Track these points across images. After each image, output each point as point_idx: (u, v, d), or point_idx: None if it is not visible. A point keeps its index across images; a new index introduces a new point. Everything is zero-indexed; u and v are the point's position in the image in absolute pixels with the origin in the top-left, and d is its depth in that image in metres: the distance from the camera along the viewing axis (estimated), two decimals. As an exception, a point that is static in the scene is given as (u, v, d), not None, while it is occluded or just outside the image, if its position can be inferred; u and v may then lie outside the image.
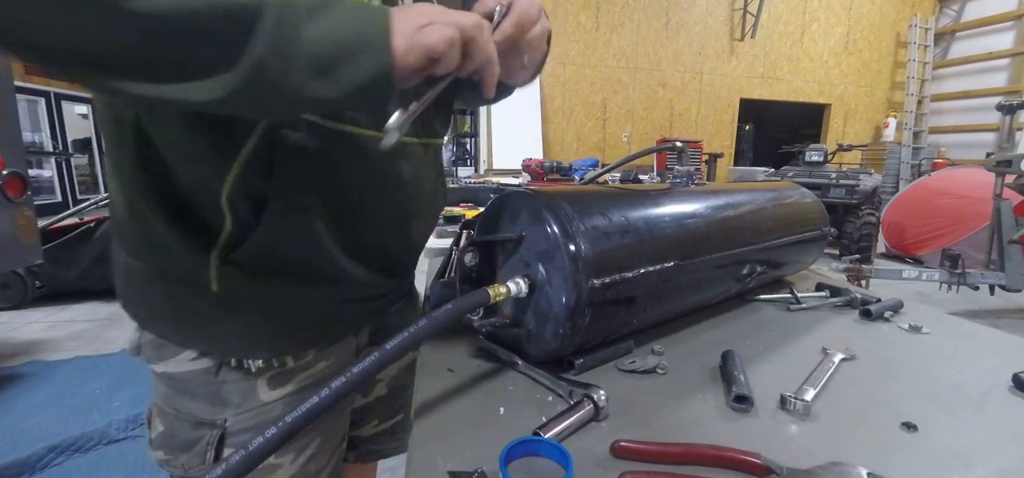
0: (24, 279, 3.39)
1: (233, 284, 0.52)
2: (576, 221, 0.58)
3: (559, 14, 7.33)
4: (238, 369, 0.57)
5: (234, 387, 0.57)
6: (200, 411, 0.57)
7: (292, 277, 0.55)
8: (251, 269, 0.52)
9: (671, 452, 0.45)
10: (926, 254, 4.95)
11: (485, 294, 0.55)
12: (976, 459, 0.47)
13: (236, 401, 0.57)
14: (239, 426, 0.58)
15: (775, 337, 0.75)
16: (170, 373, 0.57)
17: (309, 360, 0.62)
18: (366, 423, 0.82)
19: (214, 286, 0.51)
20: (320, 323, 0.61)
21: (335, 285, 0.59)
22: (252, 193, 0.50)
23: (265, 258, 0.52)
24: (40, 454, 1.78)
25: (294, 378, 0.61)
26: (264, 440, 0.39)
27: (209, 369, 0.56)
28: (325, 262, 0.56)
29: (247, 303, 0.54)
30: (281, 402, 0.59)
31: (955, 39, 8.04)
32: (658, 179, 2.57)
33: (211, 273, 0.51)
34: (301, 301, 0.57)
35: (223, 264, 0.51)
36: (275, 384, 0.59)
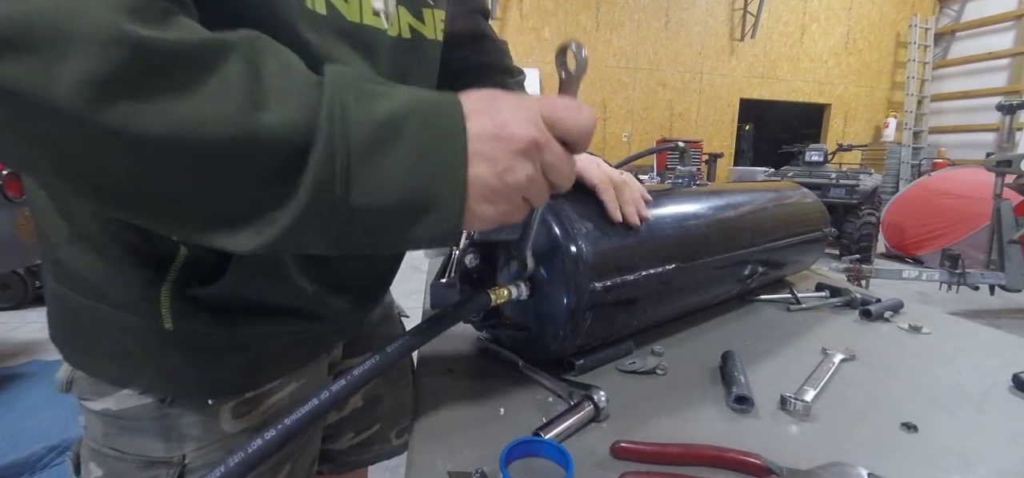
0: (24, 279, 3.39)
1: (187, 321, 0.44)
2: (577, 223, 0.58)
3: (559, 14, 7.33)
4: (194, 401, 0.49)
5: (192, 420, 0.49)
6: (150, 449, 0.49)
7: (257, 314, 0.48)
8: (211, 306, 0.45)
9: (671, 453, 0.45)
10: (926, 254, 4.95)
11: (486, 297, 0.55)
12: (976, 459, 0.47)
13: (196, 434, 0.49)
14: (200, 461, 0.50)
15: (775, 337, 0.75)
16: (112, 410, 0.48)
17: (277, 385, 0.55)
18: (341, 437, 0.77)
19: (167, 324, 0.43)
20: (289, 353, 0.55)
21: (306, 318, 0.52)
22: None
23: (229, 298, 0.45)
24: (40, 454, 1.78)
25: (260, 406, 0.53)
26: (263, 441, 0.37)
27: (159, 403, 0.48)
28: (296, 298, 0.50)
29: (204, 341, 0.46)
30: (247, 433, 0.52)
31: (955, 39, 8.03)
32: (658, 179, 2.56)
33: (163, 309, 0.43)
34: (269, 336, 0.51)
35: (178, 300, 0.43)
36: (239, 412, 0.52)
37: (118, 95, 0.26)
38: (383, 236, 0.35)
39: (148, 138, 0.27)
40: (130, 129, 0.26)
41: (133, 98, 0.26)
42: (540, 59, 7.39)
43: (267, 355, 0.52)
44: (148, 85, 0.26)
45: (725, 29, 7.75)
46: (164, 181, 0.29)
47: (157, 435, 0.49)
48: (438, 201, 0.34)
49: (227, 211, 0.32)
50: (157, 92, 0.27)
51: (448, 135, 0.34)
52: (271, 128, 0.29)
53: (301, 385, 0.57)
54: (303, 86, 0.31)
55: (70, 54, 0.25)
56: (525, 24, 7.32)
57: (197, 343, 0.46)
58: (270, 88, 0.30)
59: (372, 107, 0.32)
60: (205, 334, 0.46)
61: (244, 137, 0.29)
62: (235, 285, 0.43)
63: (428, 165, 0.34)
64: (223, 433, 0.51)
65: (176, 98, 0.27)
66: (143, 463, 0.49)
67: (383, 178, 0.32)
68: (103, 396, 0.48)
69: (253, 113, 0.29)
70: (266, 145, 0.29)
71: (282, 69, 0.31)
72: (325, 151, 0.30)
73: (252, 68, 0.29)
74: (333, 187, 0.31)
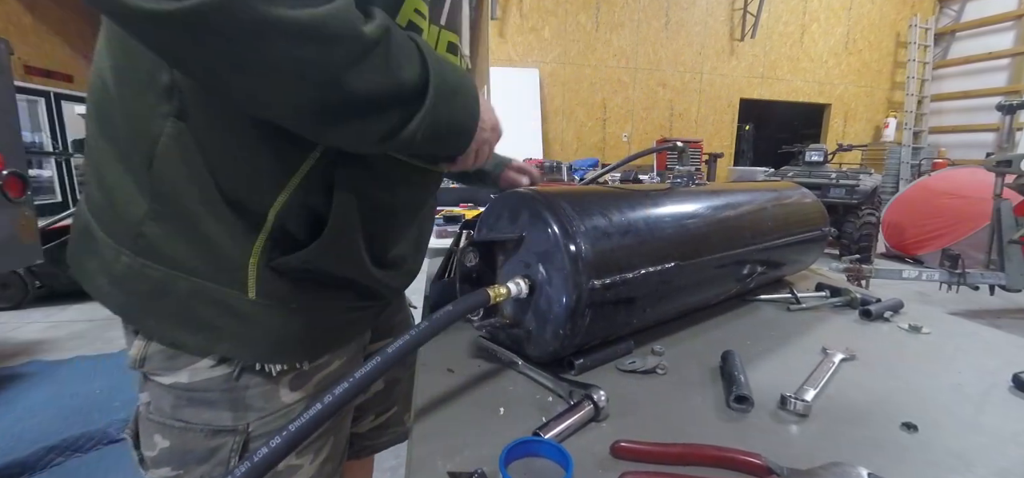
0: (24, 279, 3.39)
1: (271, 289, 0.52)
2: (576, 221, 0.58)
3: (559, 14, 7.33)
4: (260, 373, 0.56)
5: (256, 391, 0.56)
6: (219, 419, 0.55)
7: (327, 285, 0.56)
8: (290, 277, 0.53)
9: (671, 452, 0.45)
10: (926, 254, 4.95)
11: (485, 295, 0.55)
12: (976, 459, 0.47)
13: (259, 405, 0.56)
14: (262, 429, 0.57)
15: (775, 337, 0.75)
16: (183, 383, 0.54)
17: (325, 360, 0.62)
18: (364, 419, 0.84)
19: (251, 293, 0.51)
20: (341, 327, 0.63)
21: (361, 292, 0.61)
22: (306, 208, 0.51)
23: (308, 270, 0.53)
24: (40, 454, 1.78)
25: (313, 379, 0.61)
26: (269, 450, 0.39)
27: (230, 375, 0.54)
28: (360, 273, 0.58)
29: (282, 311, 0.54)
30: (302, 403, 0.59)
31: (955, 39, 8.03)
32: (658, 179, 2.57)
33: (249, 279, 0.51)
34: (329, 307, 0.58)
35: (264, 270, 0.51)
36: (296, 385, 0.59)
37: (359, 62, 0.42)
38: (441, 143, 0.54)
39: (365, 87, 0.43)
40: (359, 82, 0.42)
41: (363, 63, 0.42)
42: (540, 59, 7.40)
43: (326, 328, 0.60)
44: (368, 55, 0.42)
45: (725, 29, 7.75)
46: (357, 108, 0.44)
47: (226, 406, 0.55)
48: (468, 127, 0.56)
49: (382, 126, 0.46)
50: (370, 59, 0.42)
51: (475, 101, 0.56)
52: (408, 80, 0.46)
53: (344, 363, 0.65)
54: (415, 54, 0.47)
55: (338, 42, 0.40)
56: (525, 24, 7.32)
57: (274, 312, 0.53)
58: (404, 57, 0.46)
59: (449, 74, 0.50)
60: (282, 305, 0.53)
61: (394, 85, 0.45)
62: (317, 256, 0.52)
63: (467, 109, 0.55)
64: (282, 404, 0.58)
65: (374, 64, 0.43)
66: (210, 432, 0.55)
67: (452, 111, 0.52)
68: (176, 371, 0.53)
69: (399, 72, 0.45)
70: (406, 88, 0.46)
71: (405, 41, 0.47)
72: (435, 90, 0.48)
73: (395, 43, 0.45)
74: (435, 112, 0.48)
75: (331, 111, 0.43)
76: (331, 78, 0.40)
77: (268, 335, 0.53)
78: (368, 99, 0.43)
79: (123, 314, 0.53)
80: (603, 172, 1.28)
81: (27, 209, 2.35)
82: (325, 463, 0.65)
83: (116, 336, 2.98)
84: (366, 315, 0.66)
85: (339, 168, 0.51)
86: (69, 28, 7.41)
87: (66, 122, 7.33)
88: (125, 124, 0.49)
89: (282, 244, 0.52)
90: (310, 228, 0.52)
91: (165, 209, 0.49)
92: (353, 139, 0.47)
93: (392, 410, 0.88)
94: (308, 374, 0.60)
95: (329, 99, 0.42)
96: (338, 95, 0.42)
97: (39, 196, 6.72)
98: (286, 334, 0.55)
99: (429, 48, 0.49)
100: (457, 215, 1.73)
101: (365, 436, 0.86)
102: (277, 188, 0.49)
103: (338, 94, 0.42)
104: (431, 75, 0.48)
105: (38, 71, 6.96)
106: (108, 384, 2.38)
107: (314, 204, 0.51)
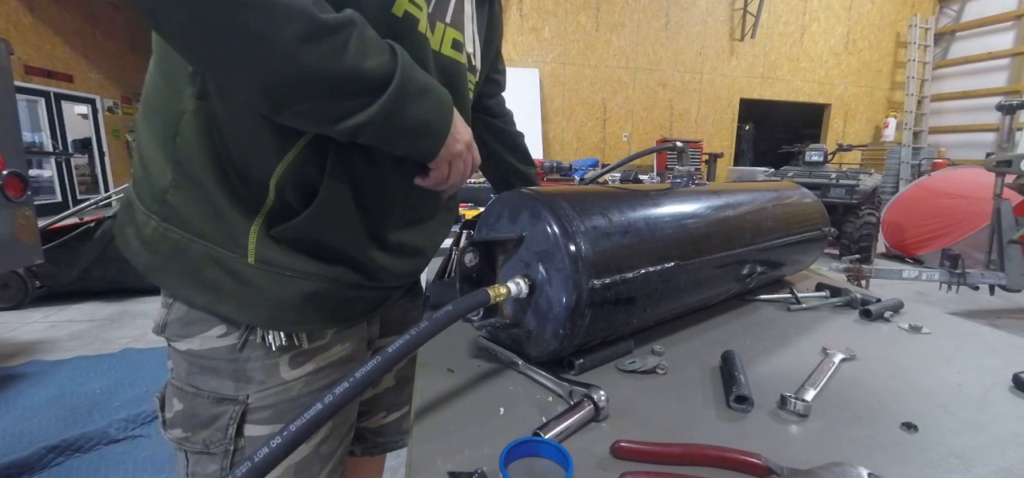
0: (24, 279, 3.39)
1: (268, 256, 0.56)
2: (576, 221, 0.58)
3: (559, 14, 7.33)
4: (261, 346, 0.59)
5: (257, 364, 0.59)
6: (222, 388, 0.59)
7: (322, 258, 0.59)
8: (287, 246, 0.57)
9: (671, 452, 0.45)
10: (926, 254, 4.95)
11: (485, 294, 0.55)
12: (976, 459, 0.47)
13: (259, 378, 0.60)
14: (261, 403, 0.60)
15: (775, 337, 0.75)
16: (195, 350, 0.59)
17: (326, 342, 0.65)
18: (374, 414, 0.85)
19: (251, 258, 0.55)
20: (339, 305, 0.64)
21: (358, 270, 0.63)
22: (301, 179, 0.55)
23: (304, 239, 0.57)
24: (40, 454, 1.78)
25: (313, 359, 0.63)
26: (269, 450, 0.39)
27: (234, 346, 0.59)
28: (355, 249, 0.61)
29: (278, 276, 0.57)
30: (301, 381, 0.62)
31: (955, 39, 8.04)
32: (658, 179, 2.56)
33: (250, 244, 0.55)
34: (326, 280, 0.60)
35: (262, 237, 0.55)
36: (296, 363, 0.62)
37: (311, 41, 0.45)
38: (406, 140, 0.55)
39: (313, 66, 0.46)
40: (307, 59, 0.45)
41: (315, 45, 0.45)
42: (540, 59, 7.40)
43: (324, 301, 0.61)
44: (323, 36, 0.46)
45: (725, 29, 7.75)
46: (313, 87, 0.47)
47: (229, 375, 0.59)
48: (437, 128, 0.58)
49: (340, 109, 0.49)
50: (325, 41, 0.46)
51: (448, 107, 0.59)
52: (370, 67, 0.49)
53: (346, 348, 0.67)
54: (384, 48, 0.51)
55: (290, 19, 0.44)
56: (525, 24, 7.32)
57: (272, 278, 0.56)
58: (371, 47, 0.49)
59: (418, 74, 0.54)
60: (279, 271, 0.57)
61: (355, 71, 0.48)
62: (310, 225, 0.56)
63: (438, 111, 0.57)
64: (281, 380, 0.61)
65: (331, 47, 0.46)
66: (215, 399, 0.59)
67: (417, 109, 0.54)
68: (189, 338, 0.59)
69: (362, 60, 0.48)
70: (367, 75, 0.49)
71: (374, 37, 0.50)
72: (398, 84, 0.51)
73: (363, 35, 0.49)
74: (397, 104, 0.51)
75: (284, 87, 0.46)
76: (283, 52, 0.44)
77: (265, 300, 0.57)
78: (321, 79, 0.47)
79: (147, 271, 0.58)
80: (603, 172, 1.28)
81: (27, 209, 2.35)
82: (322, 444, 0.66)
83: (116, 336, 2.99)
84: (367, 297, 0.67)
85: (333, 145, 0.55)
86: (69, 28, 7.41)
87: (66, 122, 7.33)
88: (161, 105, 0.56)
89: (282, 215, 0.56)
90: (306, 200, 0.56)
91: (184, 179, 0.55)
92: (308, 118, 0.50)
93: (404, 409, 0.88)
94: (308, 354, 0.63)
95: (280, 73, 0.45)
96: (290, 70, 0.45)
97: (39, 196, 6.73)
98: (282, 301, 0.58)
99: (405, 55, 0.53)
100: (457, 215, 1.73)
101: (377, 432, 0.87)
102: (277, 160, 0.54)
103: (290, 69, 0.45)
104: (398, 69, 0.51)
105: (38, 71, 6.96)
106: (108, 384, 2.38)
107: (309, 177, 0.56)
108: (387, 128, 0.52)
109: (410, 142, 0.56)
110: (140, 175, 0.59)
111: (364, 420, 0.84)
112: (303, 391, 0.63)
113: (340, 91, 0.49)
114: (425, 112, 0.55)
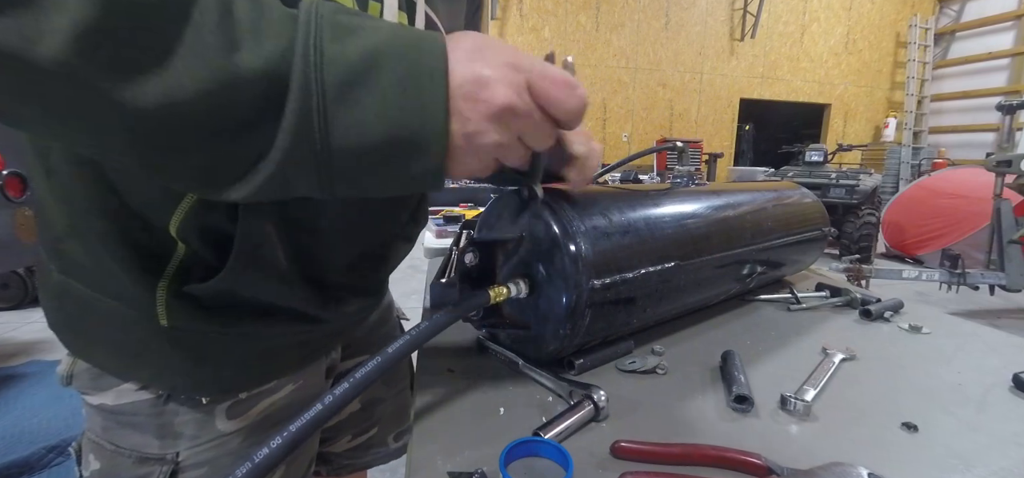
0: (24, 279, 3.39)
1: (183, 319, 0.44)
2: (576, 221, 0.58)
3: (559, 14, 7.33)
4: (188, 400, 0.49)
5: (187, 418, 0.49)
6: (145, 445, 0.49)
7: (253, 315, 0.48)
8: (207, 305, 0.45)
9: (671, 452, 0.45)
10: (926, 254, 4.95)
11: (485, 295, 0.55)
12: (976, 459, 0.47)
13: (190, 432, 0.50)
14: (193, 460, 0.50)
15: (775, 337, 0.75)
16: (108, 406, 0.49)
17: (271, 387, 0.55)
18: (339, 439, 0.77)
19: (163, 321, 0.44)
20: (284, 354, 0.54)
21: (302, 320, 0.52)
22: (208, 227, 0.42)
23: (225, 296, 0.45)
24: (40, 454, 1.78)
25: (256, 406, 0.53)
26: (269, 450, 0.36)
27: (156, 399, 0.48)
28: (292, 299, 0.49)
29: (201, 340, 0.47)
30: (242, 433, 0.52)
31: (955, 39, 8.04)
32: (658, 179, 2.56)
33: (159, 307, 0.43)
34: (263, 337, 0.51)
35: (174, 297, 0.43)
36: (234, 413, 0.52)
37: (104, 48, 0.25)
38: (368, 179, 0.34)
39: (136, 100, 0.26)
40: (111, 78, 0.26)
41: (120, 51, 0.26)
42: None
43: (263, 356, 0.52)
44: (132, 36, 0.26)
45: (725, 29, 7.75)
46: (157, 135, 0.28)
47: (152, 432, 0.49)
48: (419, 143, 0.33)
49: (211, 159, 0.30)
50: (139, 43, 0.26)
51: (427, 77, 0.32)
52: (248, 68, 0.28)
53: (298, 387, 0.57)
54: (277, 22, 0.29)
55: (57, 11, 0.24)
56: (525, 24, 7.32)
57: (192, 341, 0.46)
58: (243, 27, 0.28)
59: (346, 44, 0.30)
60: (200, 333, 0.46)
61: (221, 81, 0.27)
62: (230, 283, 0.43)
63: (406, 106, 0.32)
64: (218, 432, 0.51)
65: (158, 51, 0.26)
66: (138, 459, 0.49)
67: (360, 118, 0.31)
68: (101, 391, 0.49)
69: (229, 54, 0.27)
70: (243, 87, 0.28)
71: (254, 5, 0.29)
72: (300, 89, 0.29)
73: (224, 6, 0.28)
74: (312, 130, 0.30)
75: (75, 130, 0.28)
76: (43, 66, 0.24)
77: (185, 365, 0.47)
78: (147, 110, 0.27)
79: (55, 329, 0.49)
80: (603, 172, 1.28)
81: (27, 209, 2.35)
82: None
83: (116, 336, 2.98)
84: (314, 337, 0.57)
85: None
86: (69, 28, 7.40)
87: (66, 122, 7.32)
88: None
89: (193, 267, 0.43)
90: (218, 249, 0.43)
91: (79, 224, 0.43)
92: (182, 181, 0.32)
93: (372, 431, 0.79)
94: (248, 402, 0.53)
95: (58, 105, 0.26)
96: (72, 97, 0.26)
97: (39, 196, 6.70)
98: (206, 365, 0.48)
99: (321, 4, 0.31)
100: (457, 215, 1.73)
101: (343, 455, 0.79)
102: (172, 204, 0.40)
103: (71, 95, 0.26)
104: (298, 42, 0.29)
105: (38, 71, 6.94)
106: (108, 384, 2.38)
107: (216, 222, 0.42)
108: (318, 168, 0.31)
109: (379, 175, 0.33)
110: (39, 214, 0.47)
111: (328, 445, 0.76)
112: (245, 442, 0.52)
113: (203, 128, 0.28)
114: (379, 112, 0.31)
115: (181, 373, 0.47)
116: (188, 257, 0.43)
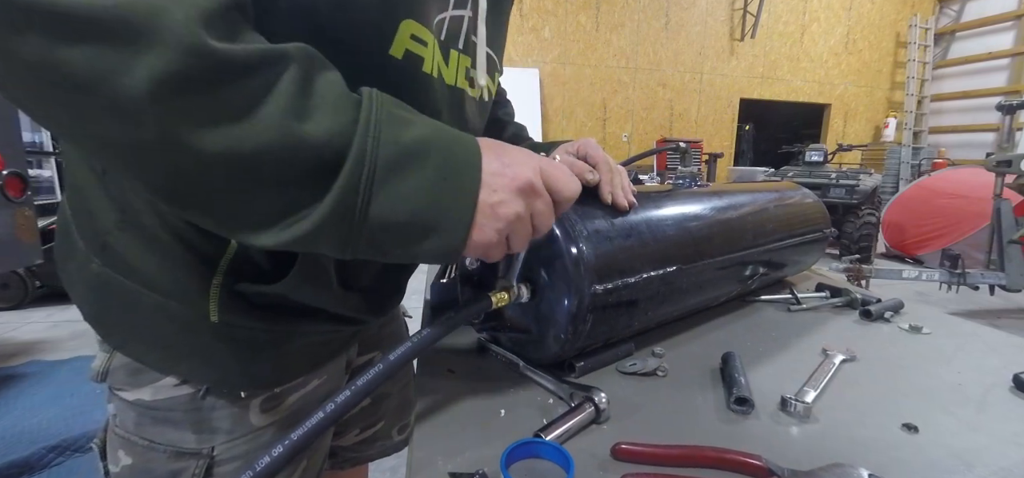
0: (24, 279, 3.39)
1: (234, 315, 0.47)
2: (579, 224, 0.58)
3: (559, 14, 7.32)
4: (227, 395, 0.51)
5: (224, 413, 0.51)
6: (182, 440, 0.50)
7: (299, 314, 0.52)
8: (257, 303, 0.48)
9: (672, 454, 0.45)
10: (926, 254, 4.95)
11: (487, 301, 0.55)
12: (976, 459, 0.47)
13: (226, 427, 0.51)
14: (228, 454, 0.52)
15: (775, 338, 0.75)
16: (146, 401, 0.50)
17: (300, 381, 0.58)
18: (347, 433, 0.80)
19: (214, 317, 0.46)
20: (318, 351, 0.58)
21: (336, 320, 0.56)
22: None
23: (276, 299, 0.48)
24: (40, 454, 1.78)
25: (287, 400, 0.56)
26: (255, 472, 0.37)
27: (194, 394, 0.50)
28: (332, 302, 0.53)
29: (248, 335, 0.49)
30: (274, 427, 0.55)
31: (955, 39, 8.03)
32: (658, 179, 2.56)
33: (211, 303, 0.46)
34: (303, 334, 0.54)
35: (228, 294, 0.46)
36: (267, 407, 0.54)
37: (184, 96, 0.28)
38: (391, 247, 0.38)
39: (202, 144, 0.30)
40: (184, 130, 0.29)
41: (197, 101, 0.29)
42: (540, 59, 7.39)
43: (299, 352, 0.54)
44: (213, 93, 0.29)
45: (725, 29, 7.75)
46: (207, 179, 0.32)
47: (190, 427, 0.50)
48: (445, 223, 0.39)
49: (260, 210, 0.34)
50: (220, 98, 0.30)
51: (465, 165, 0.40)
52: (313, 135, 0.32)
53: (322, 382, 0.60)
54: (344, 102, 0.35)
55: (148, 52, 0.27)
56: (525, 24, 7.32)
57: (239, 336, 0.48)
58: (317, 100, 0.33)
59: (402, 131, 0.36)
60: (247, 328, 0.48)
61: (285, 144, 0.32)
62: (289, 289, 0.46)
63: (446, 190, 0.38)
64: (251, 426, 0.53)
65: (234, 101, 0.30)
66: (173, 454, 0.50)
67: (401, 195, 0.36)
68: (139, 387, 0.49)
69: (300, 121, 0.32)
70: (305, 151, 0.32)
71: (329, 84, 0.34)
72: (355, 162, 0.34)
73: (306, 80, 0.33)
74: (356, 198, 0.34)
75: (145, 169, 0.31)
76: (126, 109, 0.27)
77: (230, 360, 0.49)
78: (213, 159, 0.30)
79: (93, 322, 0.50)
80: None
81: (27, 209, 2.35)
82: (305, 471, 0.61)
83: (116, 336, 2.98)
84: (342, 336, 0.61)
85: None
86: (69, 28, 7.39)
87: (66, 122, 7.31)
88: None
89: (248, 267, 0.46)
90: (274, 254, 0.46)
91: (130, 220, 0.45)
92: (208, 221, 0.35)
93: (379, 425, 0.83)
94: (281, 396, 0.55)
95: (128, 144, 0.29)
96: (143, 140, 0.29)
97: (39, 196, 6.69)
98: (250, 360, 0.50)
99: (380, 98, 0.37)
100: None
101: (350, 449, 0.82)
102: None
103: (143, 138, 0.29)
104: (358, 132, 0.34)
105: (38, 71, 6.94)
106: (108, 384, 2.38)
107: None
108: (351, 231, 0.35)
109: (401, 245, 0.38)
110: (77, 205, 0.48)
111: (337, 439, 0.80)
112: (276, 436, 0.54)
113: (253, 180, 0.32)
114: (418, 193, 0.37)
115: (226, 368, 0.49)
116: (239, 254, 0.45)
